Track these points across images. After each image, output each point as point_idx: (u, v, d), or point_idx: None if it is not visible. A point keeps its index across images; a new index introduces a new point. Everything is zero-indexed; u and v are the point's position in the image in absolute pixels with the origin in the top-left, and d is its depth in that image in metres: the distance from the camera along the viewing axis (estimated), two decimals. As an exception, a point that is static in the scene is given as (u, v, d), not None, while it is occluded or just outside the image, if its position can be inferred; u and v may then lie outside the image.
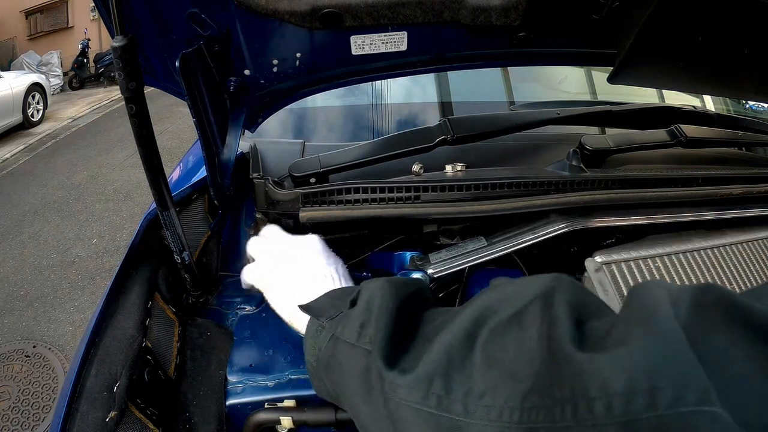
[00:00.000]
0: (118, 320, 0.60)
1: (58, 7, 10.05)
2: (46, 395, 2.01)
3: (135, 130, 0.52)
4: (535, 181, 0.72)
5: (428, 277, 0.70)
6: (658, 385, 0.24)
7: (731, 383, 0.23)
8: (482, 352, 0.33)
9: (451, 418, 0.32)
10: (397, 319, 0.40)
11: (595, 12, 0.62)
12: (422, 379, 0.34)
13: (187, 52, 0.55)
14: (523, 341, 0.31)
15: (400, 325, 0.40)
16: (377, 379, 0.37)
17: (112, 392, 0.52)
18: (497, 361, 0.32)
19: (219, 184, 0.68)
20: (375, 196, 0.70)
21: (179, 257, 0.64)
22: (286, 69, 0.67)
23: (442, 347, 0.35)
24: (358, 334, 0.41)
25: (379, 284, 0.43)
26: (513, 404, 0.29)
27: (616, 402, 0.25)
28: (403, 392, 0.35)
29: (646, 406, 0.24)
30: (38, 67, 8.56)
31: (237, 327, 0.70)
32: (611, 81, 0.71)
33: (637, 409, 0.24)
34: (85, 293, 2.65)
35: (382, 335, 0.39)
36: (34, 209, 3.78)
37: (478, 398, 0.31)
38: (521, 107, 1.22)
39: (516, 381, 0.30)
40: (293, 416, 0.58)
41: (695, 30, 0.61)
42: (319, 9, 0.58)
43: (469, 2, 0.60)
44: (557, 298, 0.32)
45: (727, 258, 0.74)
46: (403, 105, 1.24)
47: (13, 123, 5.78)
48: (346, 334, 0.42)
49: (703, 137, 0.86)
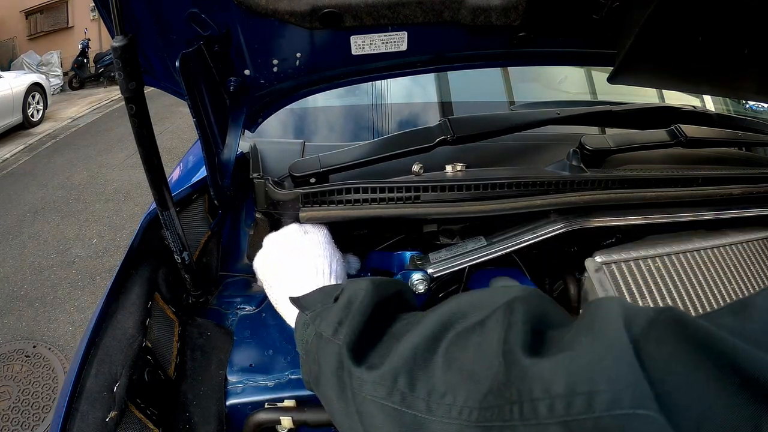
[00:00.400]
0: (118, 320, 0.60)
1: (58, 7, 10.04)
2: (46, 395, 2.01)
3: (135, 130, 0.52)
4: (535, 181, 0.72)
5: (428, 276, 0.70)
6: (597, 389, 0.25)
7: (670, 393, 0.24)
8: (445, 354, 0.34)
9: (414, 414, 0.33)
10: (372, 317, 0.42)
11: (595, 12, 0.62)
12: (387, 376, 0.36)
13: (187, 52, 0.55)
14: (483, 345, 0.33)
15: (373, 323, 0.42)
16: (347, 375, 0.39)
17: (112, 392, 0.52)
18: (459, 363, 0.33)
19: (219, 184, 0.68)
20: (375, 196, 0.70)
21: (179, 257, 0.64)
22: (286, 69, 0.67)
23: (408, 346, 0.36)
24: (335, 330, 0.42)
25: (362, 284, 0.45)
26: (472, 404, 0.31)
27: (558, 403, 0.26)
28: (369, 388, 0.37)
29: (584, 408, 0.25)
30: (38, 67, 8.56)
31: (237, 327, 0.70)
32: (611, 81, 0.71)
33: (577, 410, 0.25)
34: (85, 293, 2.65)
35: (352, 331, 0.41)
36: (34, 209, 3.78)
37: (440, 397, 0.33)
38: (521, 107, 1.22)
39: (474, 382, 0.31)
40: (293, 416, 0.58)
41: (695, 30, 0.61)
42: (319, 9, 0.58)
43: (469, 2, 0.60)
44: (518, 307, 0.33)
45: (727, 258, 0.74)
46: (403, 105, 1.24)
47: (13, 123, 5.77)
48: (323, 327, 0.44)
49: (703, 137, 0.86)
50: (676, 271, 0.70)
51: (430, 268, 0.70)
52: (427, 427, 0.32)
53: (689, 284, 0.70)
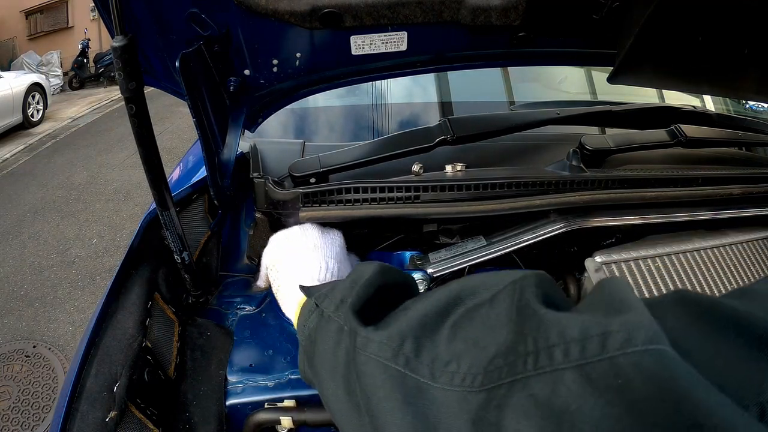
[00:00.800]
0: (118, 320, 0.60)
1: (58, 7, 10.04)
2: (46, 395, 2.01)
3: (135, 130, 0.52)
4: (534, 181, 0.72)
5: (428, 276, 0.70)
6: (611, 330, 0.25)
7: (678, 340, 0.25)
8: (453, 327, 0.34)
9: (417, 378, 0.33)
10: (377, 294, 0.42)
11: (595, 12, 0.62)
12: (395, 337, 0.36)
13: (187, 52, 0.55)
14: (491, 318, 0.33)
15: (378, 299, 0.42)
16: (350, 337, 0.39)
17: (112, 392, 0.52)
18: (465, 334, 0.33)
19: (219, 184, 0.68)
20: (375, 195, 0.70)
21: (179, 257, 0.64)
22: (286, 69, 0.67)
23: (417, 314, 0.36)
24: (336, 306, 0.42)
25: (370, 266, 0.44)
26: (476, 370, 0.30)
27: (573, 347, 0.26)
28: (375, 347, 0.36)
29: (598, 349, 0.25)
30: (38, 67, 8.56)
31: (237, 327, 0.70)
32: (611, 81, 0.71)
33: (591, 352, 0.25)
34: (85, 293, 2.65)
35: (358, 299, 0.41)
36: (34, 209, 3.78)
37: (443, 365, 0.32)
38: (521, 107, 1.22)
39: (480, 349, 0.31)
40: (293, 416, 0.58)
41: (695, 30, 0.61)
42: (319, 9, 0.58)
43: (469, 2, 0.60)
44: (528, 281, 0.33)
45: (727, 258, 0.74)
46: (403, 105, 1.24)
47: (13, 123, 5.77)
48: (325, 305, 0.44)
49: (703, 137, 0.86)
50: (676, 271, 0.70)
51: (430, 267, 0.70)
52: (429, 394, 0.32)
53: (689, 284, 0.70)
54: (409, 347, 0.35)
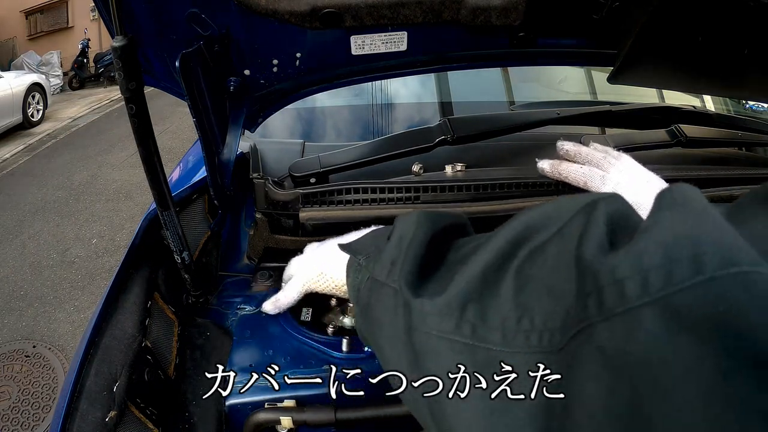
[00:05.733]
0: (118, 320, 0.60)
1: (58, 7, 10.04)
2: (46, 395, 2.01)
3: (135, 130, 0.52)
4: (535, 182, 0.72)
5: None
6: (703, 250, 0.20)
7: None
8: (517, 274, 0.28)
9: (488, 348, 0.28)
10: (428, 249, 0.36)
11: (595, 12, 0.62)
12: (455, 304, 0.30)
13: (187, 52, 0.55)
14: (562, 255, 0.26)
15: (431, 254, 0.36)
16: (406, 312, 0.33)
17: (112, 392, 0.52)
18: (534, 281, 0.27)
19: (219, 184, 0.68)
20: (375, 196, 0.70)
21: (179, 257, 0.64)
22: (286, 69, 0.67)
23: (476, 269, 0.30)
24: (389, 271, 0.37)
25: (413, 218, 0.39)
26: (553, 325, 0.25)
27: (653, 275, 0.21)
28: (433, 321, 0.31)
29: (692, 272, 0.20)
30: (38, 67, 8.55)
31: (237, 327, 0.70)
32: (611, 81, 0.71)
33: (681, 276, 0.20)
34: (85, 293, 2.65)
35: (409, 263, 0.35)
36: (34, 209, 3.77)
37: (515, 323, 0.26)
38: (521, 107, 1.22)
39: (554, 297, 0.25)
40: (293, 416, 0.58)
41: (695, 30, 0.61)
42: (319, 9, 0.58)
43: (469, 2, 0.60)
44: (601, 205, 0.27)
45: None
46: (403, 105, 1.24)
47: (13, 123, 5.77)
48: (377, 271, 0.38)
49: (703, 137, 0.86)
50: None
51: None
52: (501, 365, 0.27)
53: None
54: (472, 312, 0.29)
